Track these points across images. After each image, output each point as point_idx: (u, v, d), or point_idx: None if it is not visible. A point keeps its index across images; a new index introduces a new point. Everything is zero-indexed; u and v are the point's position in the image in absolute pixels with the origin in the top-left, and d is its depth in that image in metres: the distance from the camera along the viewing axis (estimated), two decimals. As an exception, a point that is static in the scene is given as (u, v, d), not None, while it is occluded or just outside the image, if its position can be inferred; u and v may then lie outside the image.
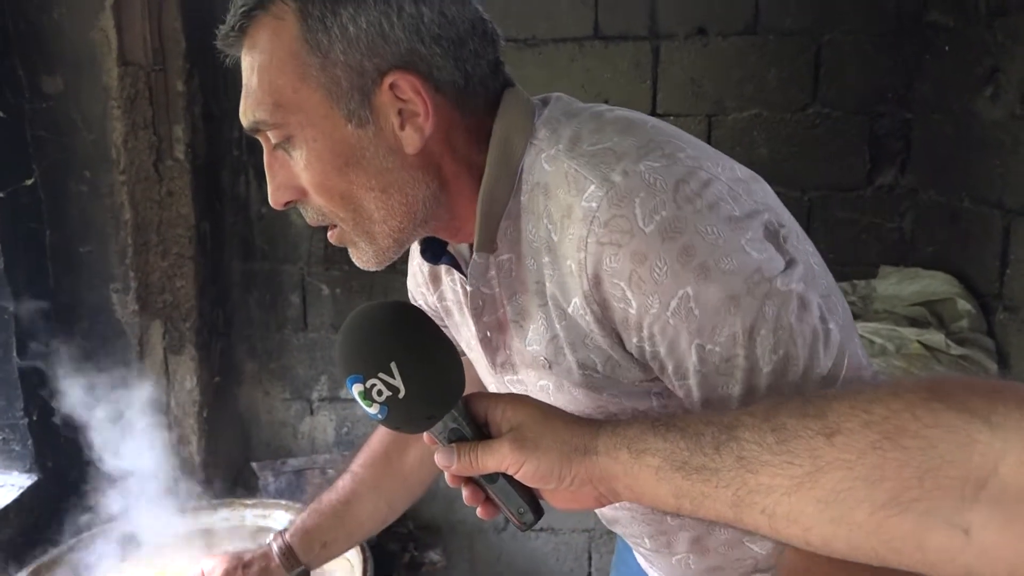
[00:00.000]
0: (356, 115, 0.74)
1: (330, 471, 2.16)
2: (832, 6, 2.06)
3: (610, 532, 2.36)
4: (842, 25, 2.07)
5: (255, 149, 1.21)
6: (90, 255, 1.90)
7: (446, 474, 0.73)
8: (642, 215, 0.66)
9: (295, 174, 0.77)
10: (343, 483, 1.13)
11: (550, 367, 0.78)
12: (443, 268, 0.91)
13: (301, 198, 0.79)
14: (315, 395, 2.33)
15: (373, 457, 1.13)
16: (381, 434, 1.15)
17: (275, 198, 0.79)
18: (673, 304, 0.67)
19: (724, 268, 0.66)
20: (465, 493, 0.74)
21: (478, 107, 0.78)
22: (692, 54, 2.09)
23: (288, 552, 1.08)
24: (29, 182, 1.81)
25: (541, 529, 2.37)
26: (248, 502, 1.92)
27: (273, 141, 0.77)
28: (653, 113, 2.13)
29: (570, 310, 0.73)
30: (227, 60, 0.81)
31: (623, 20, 2.08)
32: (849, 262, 2.11)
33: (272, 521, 1.91)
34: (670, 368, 0.71)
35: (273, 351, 2.30)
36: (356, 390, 0.68)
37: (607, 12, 2.08)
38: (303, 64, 0.73)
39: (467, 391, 0.73)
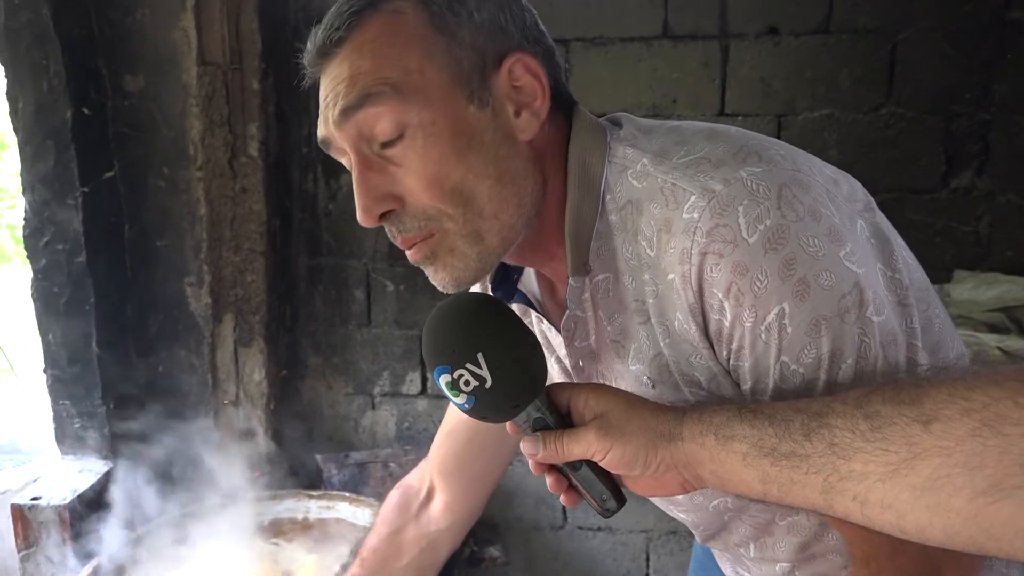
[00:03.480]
0: (478, 96, 0.74)
1: (392, 465, 2.19)
2: (908, 4, 2.01)
3: (670, 533, 2.36)
4: (918, 23, 2.01)
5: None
6: (166, 249, 1.96)
7: (530, 462, 0.74)
8: (746, 224, 0.65)
9: (396, 175, 0.74)
10: (351, 571, 1.15)
11: (653, 386, 0.78)
12: (517, 308, 0.91)
13: (397, 208, 0.75)
14: (377, 390, 2.36)
15: (378, 543, 1.15)
16: (385, 515, 1.16)
17: (375, 210, 0.74)
18: (768, 319, 0.66)
19: (823, 284, 0.65)
20: (549, 481, 0.75)
21: (558, 116, 0.80)
22: (763, 53, 2.06)
23: None
24: (109, 175, 1.87)
25: (599, 528, 2.36)
26: (313, 493, 1.96)
27: (382, 138, 0.73)
28: (722, 113, 2.10)
29: (676, 327, 0.72)
30: (305, 80, 0.79)
31: (693, 19, 2.06)
32: (922, 266, 2.05)
33: (336, 512, 1.94)
34: (748, 384, 0.70)
35: (337, 346, 2.34)
36: (443, 381, 0.70)
37: (676, 11, 2.06)
38: (431, 43, 0.72)
39: None
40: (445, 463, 1.11)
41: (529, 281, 0.92)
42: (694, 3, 2.06)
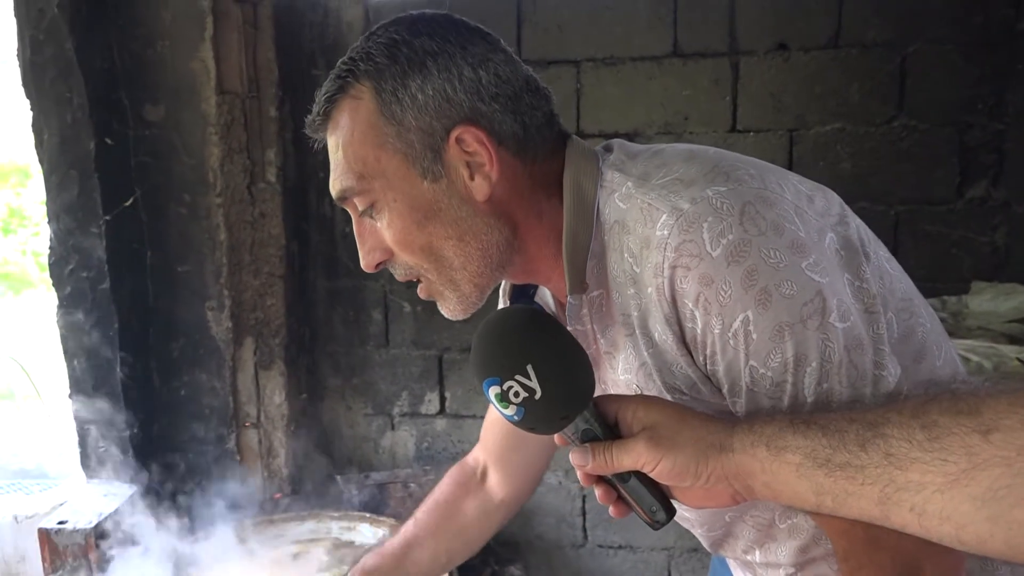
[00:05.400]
0: (430, 172, 0.81)
1: (412, 485, 2.20)
2: (917, 17, 2.02)
3: (691, 551, 2.34)
4: (927, 36, 2.02)
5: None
6: (187, 274, 1.99)
7: (579, 473, 0.75)
8: (709, 239, 0.70)
9: (381, 237, 0.85)
10: (406, 528, 1.17)
11: (641, 393, 0.81)
12: None
13: (389, 258, 0.87)
14: (396, 410, 2.37)
15: (434, 506, 1.17)
16: (443, 485, 1.18)
17: (367, 261, 0.87)
18: (734, 326, 0.70)
19: (784, 293, 0.69)
20: (598, 492, 0.77)
21: (538, 155, 0.85)
22: (773, 69, 2.07)
23: None
24: (128, 203, 1.91)
25: (620, 547, 2.36)
26: (334, 514, 1.98)
27: (360, 208, 0.84)
28: (733, 129, 2.12)
29: (656, 338, 0.77)
30: (316, 145, 0.89)
31: (702, 37, 2.08)
32: (939, 277, 2.06)
33: (357, 534, 1.95)
34: (725, 387, 0.74)
35: (356, 367, 2.36)
36: (493, 392, 0.71)
37: (686, 30, 2.08)
38: (381, 134, 0.81)
39: None
40: (492, 449, 1.15)
41: (544, 293, 0.97)
42: (703, 21, 2.08)
